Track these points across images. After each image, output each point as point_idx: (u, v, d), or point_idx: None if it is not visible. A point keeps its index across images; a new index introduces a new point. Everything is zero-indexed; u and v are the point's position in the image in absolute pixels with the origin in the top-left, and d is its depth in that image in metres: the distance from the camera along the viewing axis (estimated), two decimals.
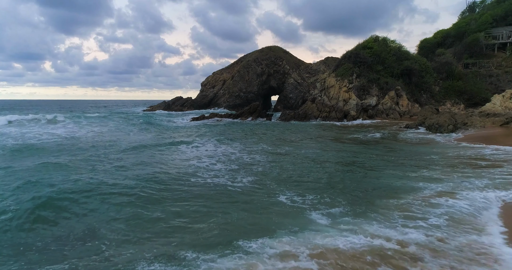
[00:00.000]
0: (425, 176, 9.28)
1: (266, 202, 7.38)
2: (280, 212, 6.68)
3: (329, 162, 11.72)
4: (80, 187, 8.10)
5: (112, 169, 10.29)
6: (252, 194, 7.98)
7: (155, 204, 7.16)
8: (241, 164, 11.34)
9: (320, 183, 8.93)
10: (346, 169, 10.50)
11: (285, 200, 7.46)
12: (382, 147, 15.00)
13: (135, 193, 7.89)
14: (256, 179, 9.38)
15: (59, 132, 20.39)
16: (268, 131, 23.57)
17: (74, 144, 15.97)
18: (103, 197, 7.53)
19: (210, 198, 7.63)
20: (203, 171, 10.35)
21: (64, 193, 7.60)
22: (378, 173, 9.79)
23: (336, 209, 6.77)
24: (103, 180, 8.80)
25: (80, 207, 6.96)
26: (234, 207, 7.02)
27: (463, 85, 39.11)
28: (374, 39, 39.47)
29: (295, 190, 8.18)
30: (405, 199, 7.23)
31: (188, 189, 8.36)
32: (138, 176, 9.47)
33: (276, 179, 9.32)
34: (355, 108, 33.47)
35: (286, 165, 11.11)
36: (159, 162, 11.76)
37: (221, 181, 9.17)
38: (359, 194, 7.81)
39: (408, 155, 12.75)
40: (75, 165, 10.90)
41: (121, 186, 8.37)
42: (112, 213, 6.63)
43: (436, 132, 20.37)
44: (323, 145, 15.98)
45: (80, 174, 9.55)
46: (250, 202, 7.38)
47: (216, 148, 15.01)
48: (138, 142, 16.70)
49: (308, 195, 7.77)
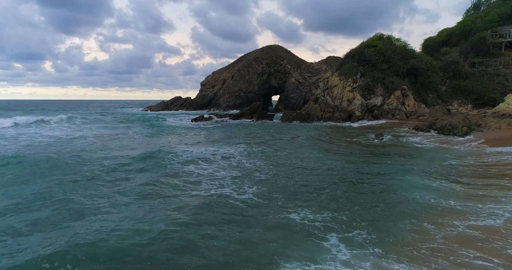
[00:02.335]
0: (457, 191, 7.95)
1: (273, 220, 6.18)
2: (289, 237, 5.49)
3: (341, 170, 10.50)
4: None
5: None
6: (257, 209, 6.79)
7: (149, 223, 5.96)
8: (244, 173, 10.11)
9: (333, 195, 7.74)
10: (360, 179, 9.28)
11: (294, 217, 6.27)
12: (395, 152, 13.76)
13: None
14: (263, 190, 8.19)
15: (46, 140, 17.88)
16: (271, 133, 22.34)
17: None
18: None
19: (209, 218, 6.41)
20: (207, 180, 9.15)
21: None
22: (397, 185, 8.56)
23: (355, 232, 5.55)
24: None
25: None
26: (236, 227, 5.82)
27: (471, 85, 37.90)
28: (378, 37, 38.25)
29: (305, 205, 6.99)
30: (443, 227, 5.91)
31: (188, 202, 7.14)
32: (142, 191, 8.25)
33: (284, 191, 8.13)
34: (360, 108, 32.25)
35: (293, 174, 9.90)
36: (154, 169, 10.56)
37: (225, 192, 7.98)
38: (379, 212, 6.61)
39: (426, 162, 11.55)
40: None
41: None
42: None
43: (449, 134, 19.17)
44: (332, 150, 14.75)
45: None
46: (254, 221, 6.18)
47: (216, 152, 13.80)
48: (133, 148, 15.37)
49: (321, 211, 6.59)
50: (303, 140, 18.02)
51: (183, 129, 24.59)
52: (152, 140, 16.65)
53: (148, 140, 16.73)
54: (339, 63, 38.85)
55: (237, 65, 63.47)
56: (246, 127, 27.03)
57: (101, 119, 32.99)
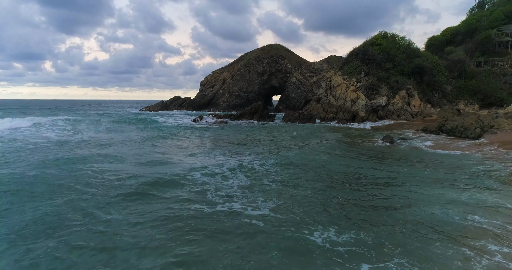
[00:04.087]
0: (490, 205, 7.02)
1: (289, 241, 5.22)
2: (308, 265, 4.54)
3: (355, 180, 9.55)
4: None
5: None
6: (272, 226, 5.86)
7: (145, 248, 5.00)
8: (254, 183, 9.02)
9: (351, 211, 6.80)
10: (377, 191, 8.29)
11: (315, 239, 5.33)
12: (409, 158, 12.72)
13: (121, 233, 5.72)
14: (278, 204, 7.18)
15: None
16: (274, 135, 21.29)
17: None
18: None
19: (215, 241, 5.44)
20: (213, 191, 8.14)
21: None
22: (419, 198, 7.59)
23: (391, 262, 4.61)
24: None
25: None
26: (249, 251, 4.88)
27: (477, 84, 37.02)
28: (382, 35, 37.33)
29: (325, 222, 6.05)
30: (483, 253, 5.01)
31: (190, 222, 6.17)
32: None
33: (302, 204, 7.15)
34: (364, 108, 31.34)
35: (309, 184, 8.87)
36: (153, 174, 9.61)
37: (236, 207, 6.98)
38: (407, 233, 5.65)
39: (444, 169, 10.63)
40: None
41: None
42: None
43: (461, 136, 18.26)
44: (342, 155, 13.75)
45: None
46: (269, 241, 5.22)
47: (217, 158, 12.84)
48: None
49: (343, 231, 5.65)
50: (312, 144, 17.03)
51: (181, 131, 23.55)
52: (149, 148, 15.07)
53: (144, 149, 14.91)
54: (342, 62, 37.92)
55: (237, 65, 62.48)
56: (248, 129, 26.04)
57: (97, 120, 31.86)
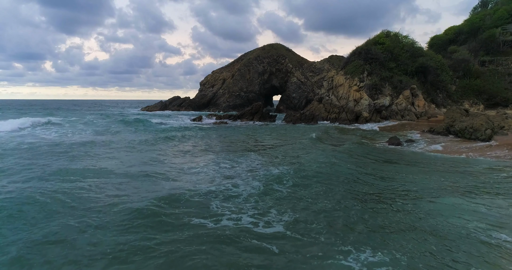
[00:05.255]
0: None
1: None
2: None
3: (371, 187, 8.79)
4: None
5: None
6: (293, 249, 5.05)
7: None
8: (264, 192, 7.93)
9: (376, 224, 6.01)
10: (395, 202, 7.49)
11: (350, 263, 4.58)
12: (423, 164, 11.63)
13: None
14: (294, 218, 6.27)
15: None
16: (278, 137, 20.34)
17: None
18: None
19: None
20: (217, 202, 7.18)
21: None
22: (442, 209, 6.85)
23: None
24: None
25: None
26: None
27: (482, 84, 36.28)
28: (385, 34, 36.60)
29: (357, 242, 5.24)
30: None
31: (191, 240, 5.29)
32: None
33: (320, 219, 6.25)
34: (368, 108, 30.62)
35: (325, 193, 7.98)
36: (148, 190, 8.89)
37: (244, 222, 6.03)
38: (438, 254, 4.91)
39: (460, 175, 9.89)
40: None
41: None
42: None
43: (470, 137, 17.54)
44: (356, 160, 12.82)
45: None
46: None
47: (222, 165, 12.10)
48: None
49: (378, 252, 4.87)
50: (320, 148, 16.29)
51: (179, 133, 22.73)
52: (145, 154, 13.89)
53: (140, 154, 13.61)
54: (345, 61, 37.19)
55: (238, 64, 61.77)
56: (249, 130, 25.30)
57: (93, 121, 30.98)
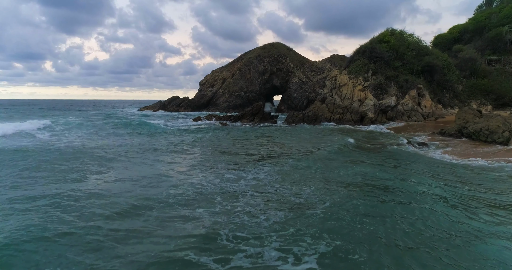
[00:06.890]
0: None
1: None
2: None
3: (401, 202, 7.73)
4: None
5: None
6: None
7: None
8: (287, 215, 6.27)
9: (420, 249, 4.98)
10: (432, 221, 6.16)
11: None
12: (445, 174, 10.20)
13: None
14: (334, 246, 4.92)
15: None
16: (282, 140, 18.49)
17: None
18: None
19: None
20: (228, 232, 5.52)
21: None
22: (481, 235, 5.79)
23: None
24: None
25: None
26: None
27: (489, 84, 35.28)
28: (390, 32, 35.56)
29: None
30: None
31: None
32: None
33: (362, 248, 4.90)
34: (373, 109, 29.53)
35: (354, 212, 6.52)
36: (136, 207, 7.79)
37: (266, 259, 4.56)
38: None
39: (493, 188, 8.83)
40: None
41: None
42: None
43: (486, 140, 16.48)
44: (363, 167, 11.88)
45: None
46: None
47: (226, 176, 10.98)
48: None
49: None
50: (329, 154, 15.10)
51: (177, 136, 21.69)
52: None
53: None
54: (348, 60, 36.12)
55: (238, 64, 60.69)
56: (250, 133, 24.19)
57: (90, 123, 29.78)
